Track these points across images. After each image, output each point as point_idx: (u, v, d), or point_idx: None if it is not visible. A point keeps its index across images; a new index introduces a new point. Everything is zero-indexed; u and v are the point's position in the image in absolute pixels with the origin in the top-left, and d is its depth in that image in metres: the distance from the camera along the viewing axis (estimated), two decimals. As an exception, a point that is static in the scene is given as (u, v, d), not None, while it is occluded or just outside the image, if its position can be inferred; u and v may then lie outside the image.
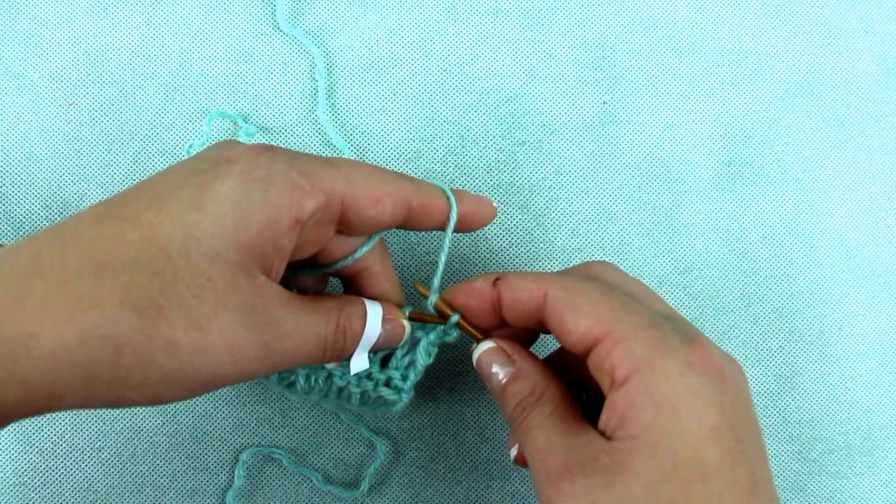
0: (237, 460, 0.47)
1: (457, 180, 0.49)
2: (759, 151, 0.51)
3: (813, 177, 0.51)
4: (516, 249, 0.49)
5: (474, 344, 0.39)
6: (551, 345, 0.48)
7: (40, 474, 0.46)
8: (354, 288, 0.40)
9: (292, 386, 0.40)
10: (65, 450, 0.46)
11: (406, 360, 0.40)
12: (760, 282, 0.51)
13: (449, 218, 0.38)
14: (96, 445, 0.46)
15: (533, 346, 0.41)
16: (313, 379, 0.39)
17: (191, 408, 0.47)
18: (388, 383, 0.40)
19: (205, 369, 0.31)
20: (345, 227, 0.37)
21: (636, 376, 0.31)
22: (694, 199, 0.51)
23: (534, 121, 0.50)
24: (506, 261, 0.49)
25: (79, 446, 0.46)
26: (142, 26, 0.48)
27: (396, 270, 0.42)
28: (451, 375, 0.48)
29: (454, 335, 0.39)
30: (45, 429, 0.46)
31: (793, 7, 0.52)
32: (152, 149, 0.48)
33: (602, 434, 0.33)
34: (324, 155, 0.39)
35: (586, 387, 0.38)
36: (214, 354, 0.31)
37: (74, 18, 0.48)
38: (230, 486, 0.46)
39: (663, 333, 0.32)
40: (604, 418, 0.33)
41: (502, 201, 0.49)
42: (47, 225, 0.47)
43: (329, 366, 0.39)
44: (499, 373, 0.37)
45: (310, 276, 0.41)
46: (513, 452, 0.39)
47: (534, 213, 0.50)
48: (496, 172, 0.50)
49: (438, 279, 0.39)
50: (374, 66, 0.50)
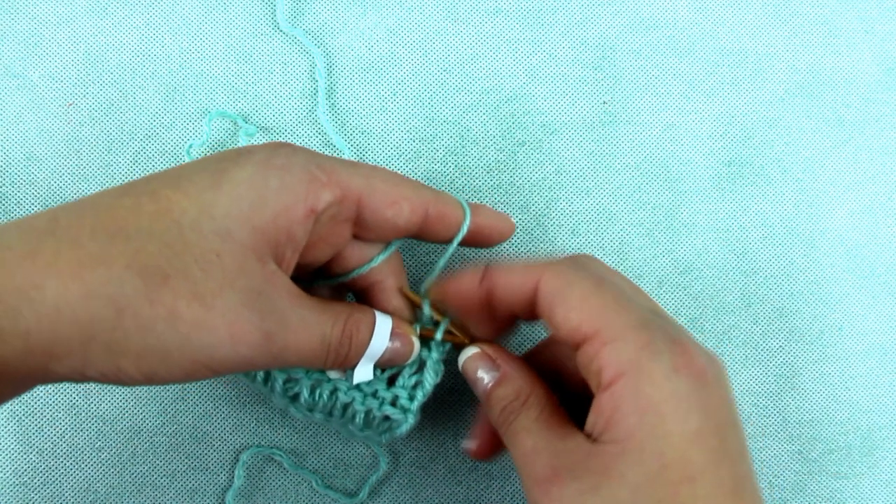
0: (237, 460, 0.47)
1: (457, 180, 0.49)
2: (759, 151, 0.51)
3: (813, 177, 0.51)
4: (516, 250, 0.49)
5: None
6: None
7: (40, 474, 0.46)
8: (367, 300, 0.40)
9: (296, 399, 0.39)
10: (65, 450, 0.46)
11: (413, 379, 0.39)
12: (760, 282, 0.51)
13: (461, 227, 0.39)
14: (96, 445, 0.46)
15: (520, 342, 0.41)
16: (318, 393, 0.39)
17: (191, 408, 0.47)
18: (393, 403, 0.39)
19: (203, 346, 0.31)
20: (361, 229, 0.37)
21: (622, 379, 0.32)
22: (694, 199, 0.51)
23: (534, 121, 0.50)
24: (505, 261, 0.49)
25: (79, 446, 0.46)
26: (142, 26, 0.48)
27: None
28: (450, 375, 0.48)
29: (446, 348, 0.40)
30: (45, 429, 0.46)
31: (793, 7, 0.52)
32: (152, 149, 0.48)
33: (589, 436, 0.33)
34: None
35: (574, 377, 0.38)
36: (214, 332, 0.31)
37: (74, 18, 0.48)
38: (230, 486, 0.46)
39: (650, 335, 0.32)
40: (590, 421, 0.33)
41: (502, 201, 0.49)
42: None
43: (333, 375, 0.39)
44: (484, 377, 0.37)
45: (325, 287, 0.41)
46: (467, 444, 0.39)
47: (534, 213, 0.50)
48: (496, 172, 0.50)
49: (427, 285, 0.40)
50: (374, 66, 0.50)
